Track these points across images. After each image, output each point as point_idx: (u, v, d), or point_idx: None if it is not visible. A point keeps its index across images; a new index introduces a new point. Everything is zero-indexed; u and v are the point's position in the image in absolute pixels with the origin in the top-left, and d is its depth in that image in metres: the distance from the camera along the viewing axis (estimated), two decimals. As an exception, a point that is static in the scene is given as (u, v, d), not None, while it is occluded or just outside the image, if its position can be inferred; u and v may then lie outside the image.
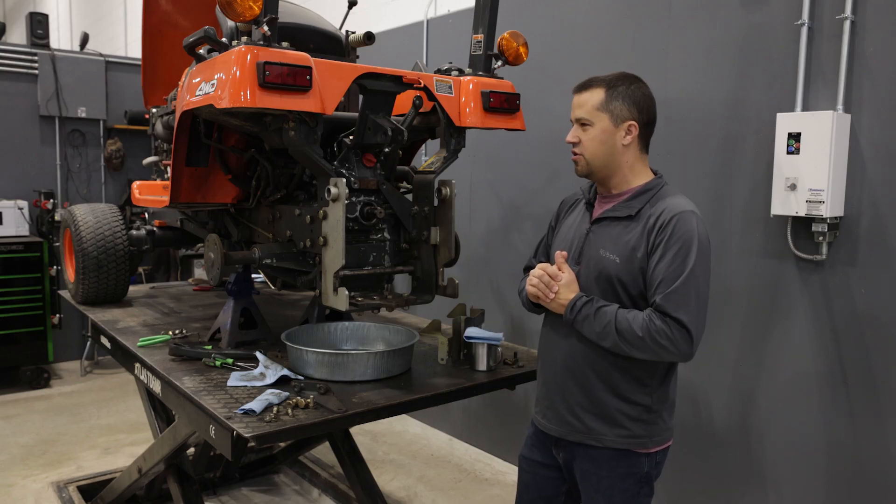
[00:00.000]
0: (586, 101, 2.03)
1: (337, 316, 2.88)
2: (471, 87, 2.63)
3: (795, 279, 2.99)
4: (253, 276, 3.17)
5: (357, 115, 2.58)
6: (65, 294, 3.89)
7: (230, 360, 2.51)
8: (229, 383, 2.28)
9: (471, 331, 2.60)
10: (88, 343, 6.27)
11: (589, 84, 2.05)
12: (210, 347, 2.70)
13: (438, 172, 2.65)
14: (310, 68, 2.14)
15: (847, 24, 2.77)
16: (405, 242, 2.69)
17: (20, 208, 5.97)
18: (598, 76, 2.06)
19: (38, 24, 6.39)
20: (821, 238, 2.83)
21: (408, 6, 5.17)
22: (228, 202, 3.01)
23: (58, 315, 6.11)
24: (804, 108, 2.90)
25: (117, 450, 4.62)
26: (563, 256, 2.05)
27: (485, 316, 2.85)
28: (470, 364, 2.60)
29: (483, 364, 2.57)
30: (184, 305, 3.68)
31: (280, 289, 4.17)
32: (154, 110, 3.66)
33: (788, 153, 2.86)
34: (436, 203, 2.62)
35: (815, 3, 2.87)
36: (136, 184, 3.83)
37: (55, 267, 6.00)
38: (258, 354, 2.52)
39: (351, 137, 2.59)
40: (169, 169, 2.87)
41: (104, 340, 3.17)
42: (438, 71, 2.74)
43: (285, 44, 2.18)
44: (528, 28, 3.22)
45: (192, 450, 3.73)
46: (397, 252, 2.69)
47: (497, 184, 4.48)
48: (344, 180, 2.31)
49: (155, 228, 3.79)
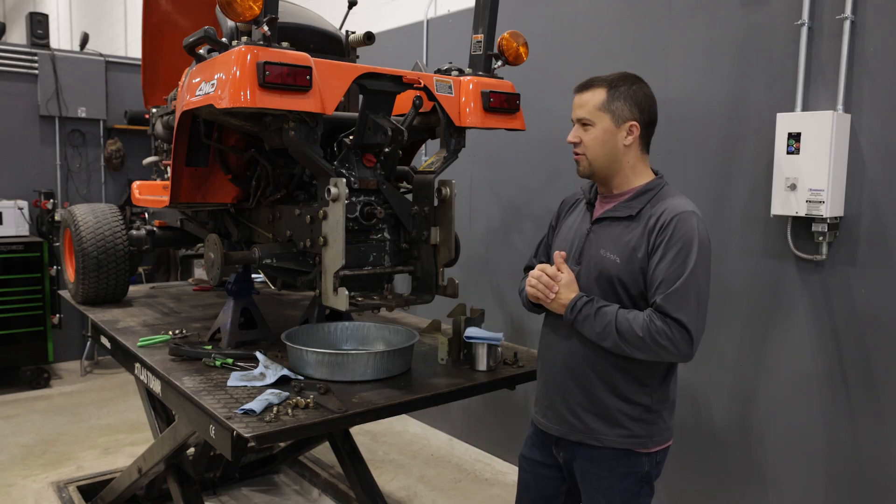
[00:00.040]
0: (588, 101, 2.03)
1: (337, 316, 2.88)
2: (471, 87, 2.63)
3: (795, 279, 2.99)
4: (253, 276, 3.17)
5: (357, 115, 2.58)
6: (65, 294, 3.89)
7: (230, 360, 2.51)
8: (229, 383, 2.28)
9: (471, 331, 2.60)
10: (88, 343, 6.27)
11: (590, 84, 2.05)
12: (210, 347, 2.70)
13: (438, 172, 2.65)
14: (310, 68, 2.14)
15: (847, 24, 2.77)
16: (405, 242, 2.69)
17: (20, 208, 5.97)
18: (599, 76, 2.06)
19: (38, 24, 6.39)
20: (821, 238, 2.83)
21: (408, 6, 5.17)
22: (228, 202, 3.01)
23: (58, 315, 6.11)
24: (804, 108, 2.90)
25: (117, 450, 4.62)
26: (562, 257, 2.05)
27: (485, 316, 2.85)
28: (470, 364, 2.60)
29: (483, 364, 2.57)
30: (184, 305, 3.68)
31: (280, 289, 4.17)
32: (154, 110, 3.66)
33: (788, 153, 2.86)
34: (436, 203, 2.62)
35: (815, 3, 2.88)
36: (136, 184, 3.83)
37: (55, 267, 6.00)
38: (258, 354, 2.52)
39: (351, 137, 2.59)
40: (169, 169, 2.87)
41: (104, 340, 3.17)
42: (438, 71, 2.74)
43: (285, 44, 2.18)
44: (528, 28, 3.22)
45: (192, 450, 3.73)
46: (397, 252, 2.69)
47: (497, 184, 4.48)
48: (344, 180, 2.31)
49: (155, 228, 3.79)
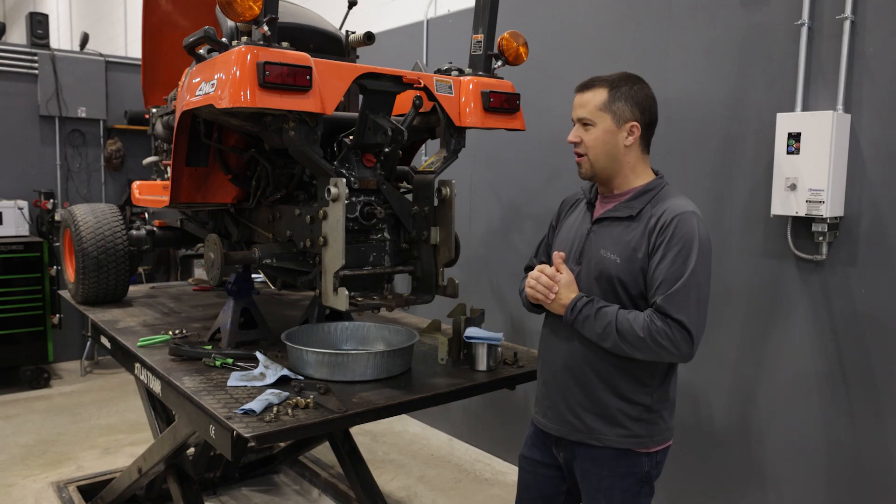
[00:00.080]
0: (589, 101, 2.03)
1: (337, 316, 2.88)
2: (471, 87, 2.63)
3: (795, 279, 2.99)
4: (253, 276, 3.17)
5: (357, 115, 2.58)
6: (65, 294, 3.89)
7: (230, 360, 2.51)
8: (229, 383, 2.28)
9: (471, 331, 2.60)
10: (88, 343, 6.27)
11: (592, 84, 2.04)
12: (210, 347, 2.70)
13: (438, 172, 2.65)
14: (310, 68, 2.14)
15: (847, 24, 2.77)
16: (405, 242, 2.69)
17: (20, 208, 5.97)
18: (600, 76, 2.06)
19: (38, 24, 6.39)
20: (821, 238, 2.83)
21: (408, 6, 5.17)
22: (228, 202, 3.01)
23: (58, 315, 6.11)
24: (804, 108, 2.90)
25: (117, 450, 4.62)
26: (561, 257, 2.05)
27: (485, 316, 2.85)
28: (470, 364, 2.60)
29: (483, 364, 2.57)
30: (184, 305, 3.68)
31: (280, 289, 4.17)
32: (154, 110, 3.66)
33: (788, 153, 2.86)
34: (436, 203, 2.62)
35: (815, 3, 2.87)
36: (136, 184, 3.83)
37: (55, 267, 6.00)
38: (258, 354, 2.52)
39: (351, 137, 2.59)
40: (169, 169, 2.87)
41: (104, 340, 3.17)
42: (438, 71, 2.74)
43: (285, 44, 2.18)
44: (528, 28, 3.22)
45: (192, 450, 3.73)
46: (397, 252, 2.69)
47: (497, 184, 4.48)
48: (344, 180, 2.30)
49: (155, 228, 3.79)
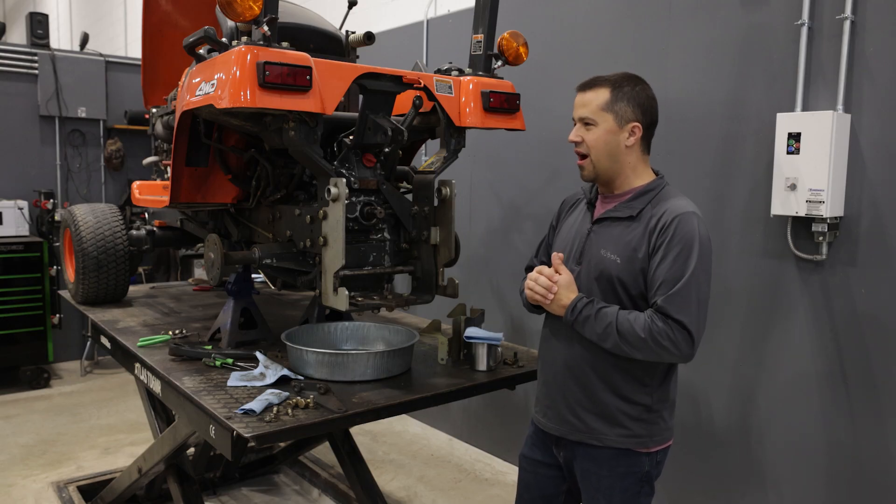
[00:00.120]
0: (591, 101, 2.02)
1: (337, 316, 2.88)
2: (471, 87, 2.63)
3: (795, 279, 2.99)
4: (253, 276, 3.17)
5: (357, 115, 2.58)
6: (65, 294, 3.89)
7: (230, 360, 2.51)
8: (229, 383, 2.28)
9: (471, 331, 2.60)
10: (88, 343, 6.27)
11: (594, 83, 2.04)
12: (210, 347, 2.70)
13: (438, 172, 2.65)
14: (310, 68, 2.14)
15: (847, 24, 2.77)
16: (405, 242, 2.68)
17: (20, 208, 5.97)
18: (602, 76, 2.05)
19: (38, 24, 6.39)
20: (821, 238, 2.83)
21: (408, 6, 5.17)
22: (228, 202, 3.01)
23: (58, 315, 6.11)
24: (804, 108, 2.90)
25: (117, 450, 4.62)
26: (560, 258, 2.04)
27: (485, 316, 2.85)
28: (470, 364, 2.60)
29: (483, 364, 2.57)
30: (184, 305, 3.68)
31: (280, 289, 4.17)
32: (154, 110, 3.66)
33: (788, 153, 2.86)
34: (436, 203, 2.62)
35: (815, 3, 2.88)
36: (136, 184, 3.83)
37: (55, 267, 6.00)
38: (258, 354, 2.52)
39: (351, 137, 2.59)
40: (169, 169, 2.87)
41: (104, 340, 3.17)
42: (438, 71, 2.74)
43: (285, 44, 2.18)
44: (528, 28, 3.22)
45: (192, 450, 3.73)
46: (397, 252, 2.69)
47: (497, 184, 4.48)
48: (344, 180, 2.30)
49: (155, 228, 3.79)
